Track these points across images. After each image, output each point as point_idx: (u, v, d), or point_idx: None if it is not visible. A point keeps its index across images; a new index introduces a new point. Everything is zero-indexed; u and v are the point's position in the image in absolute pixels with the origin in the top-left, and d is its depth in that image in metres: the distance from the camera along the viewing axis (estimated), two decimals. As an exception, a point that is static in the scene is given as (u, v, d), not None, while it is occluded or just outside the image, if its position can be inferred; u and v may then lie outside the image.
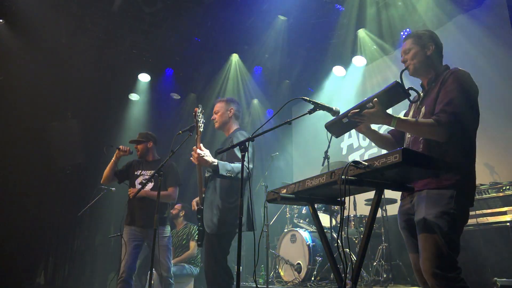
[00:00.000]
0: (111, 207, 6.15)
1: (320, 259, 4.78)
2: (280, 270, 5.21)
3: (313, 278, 4.68)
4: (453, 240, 1.78)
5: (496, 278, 3.15)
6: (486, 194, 3.66)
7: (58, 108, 6.35)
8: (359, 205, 4.80)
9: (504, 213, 3.48)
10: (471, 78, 1.96)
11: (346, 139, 6.71)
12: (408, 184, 1.82)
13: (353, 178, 1.58)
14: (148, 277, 2.89)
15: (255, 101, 7.87)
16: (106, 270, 6.18)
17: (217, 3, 5.65)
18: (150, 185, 3.81)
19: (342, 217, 1.82)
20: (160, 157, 4.08)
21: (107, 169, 3.87)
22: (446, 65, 2.12)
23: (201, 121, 3.02)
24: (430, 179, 1.85)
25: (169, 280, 3.79)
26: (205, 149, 2.86)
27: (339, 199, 1.82)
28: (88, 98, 6.43)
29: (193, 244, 5.26)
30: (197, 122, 3.00)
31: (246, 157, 2.29)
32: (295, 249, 5.04)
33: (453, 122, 1.83)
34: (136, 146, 4.00)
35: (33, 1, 5.30)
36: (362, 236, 1.71)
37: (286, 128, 6.43)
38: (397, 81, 1.90)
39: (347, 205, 1.64)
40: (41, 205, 6.08)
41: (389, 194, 4.52)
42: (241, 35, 6.35)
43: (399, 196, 2.15)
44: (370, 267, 4.57)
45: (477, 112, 1.95)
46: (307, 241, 4.89)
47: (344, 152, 6.71)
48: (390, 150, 1.64)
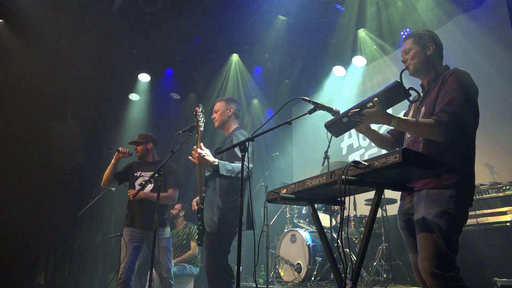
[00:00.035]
0: (111, 207, 6.15)
1: (320, 259, 4.78)
2: (280, 270, 5.20)
3: (313, 278, 4.68)
4: (452, 240, 1.78)
5: (496, 278, 3.15)
6: (486, 194, 3.66)
7: (58, 108, 6.35)
8: (359, 205, 4.80)
9: (504, 213, 3.48)
10: (471, 78, 1.96)
11: (346, 139, 6.71)
12: (408, 184, 1.82)
13: (353, 178, 1.58)
14: (148, 278, 2.89)
15: (255, 101, 7.86)
16: (106, 270, 6.18)
17: (217, 3, 5.65)
18: (150, 186, 3.81)
19: (342, 217, 1.82)
20: (160, 158, 4.07)
21: (107, 171, 3.85)
22: (446, 65, 2.12)
23: (201, 120, 3.01)
24: (430, 179, 1.85)
25: (170, 281, 3.78)
26: (205, 148, 2.87)
27: (339, 199, 1.82)
28: (88, 98, 6.43)
29: (194, 244, 5.26)
30: (197, 121, 3.00)
31: (246, 157, 2.29)
32: (295, 249, 5.04)
33: (453, 122, 1.83)
34: (136, 147, 3.99)
35: (33, 1, 5.30)
36: (362, 236, 1.71)
37: (286, 128, 6.43)
38: (398, 81, 1.90)
39: (347, 205, 1.64)
40: (41, 205, 6.08)
41: (389, 194, 4.52)
42: (241, 35, 6.36)
43: (399, 196, 2.15)
44: (370, 267, 4.57)
45: (477, 112, 1.96)
46: (307, 241, 4.89)
47: (344, 152, 6.71)
48: (389, 150, 1.64)
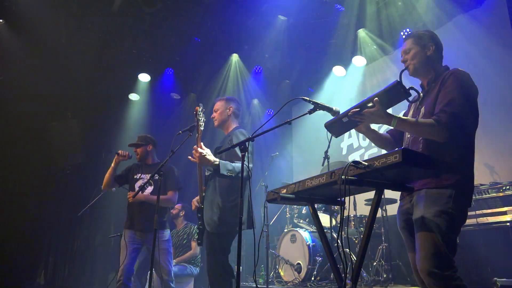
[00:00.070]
0: (111, 207, 6.15)
1: (320, 259, 4.78)
2: (280, 270, 5.20)
3: (313, 278, 4.68)
4: (451, 239, 1.78)
5: (496, 278, 3.14)
6: (486, 194, 3.65)
7: (58, 108, 6.35)
8: (359, 205, 4.80)
9: (504, 213, 3.48)
10: (470, 78, 1.97)
11: (346, 139, 6.71)
12: (408, 184, 1.83)
13: (353, 178, 1.58)
14: (148, 279, 2.89)
15: (255, 101, 7.86)
16: (106, 270, 6.18)
17: (217, 3, 5.65)
18: (150, 188, 3.80)
19: (342, 217, 1.82)
20: (160, 159, 4.06)
21: (107, 174, 3.84)
22: (446, 65, 2.12)
23: (201, 120, 3.01)
24: (430, 178, 1.85)
25: (170, 283, 3.78)
26: (206, 148, 2.87)
27: (339, 199, 1.82)
28: (88, 98, 6.44)
29: (194, 244, 5.26)
30: (198, 121, 3.00)
31: (246, 156, 2.29)
32: (295, 249, 5.04)
33: (452, 122, 1.83)
34: (136, 149, 3.98)
35: (33, 1, 5.30)
36: (362, 236, 1.71)
37: (286, 128, 6.44)
38: (398, 80, 1.90)
39: (347, 205, 1.64)
40: (41, 205, 6.09)
41: (389, 194, 4.52)
42: (241, 35, 6.35)
43: (399, 196, 2.15)
44: (370, 267, 4.57)
45: (477, 112, 1.96)
46: (307, 241, 4.89)
47: (344, 152, 6.71)
48: (389, 150, 1.64)
